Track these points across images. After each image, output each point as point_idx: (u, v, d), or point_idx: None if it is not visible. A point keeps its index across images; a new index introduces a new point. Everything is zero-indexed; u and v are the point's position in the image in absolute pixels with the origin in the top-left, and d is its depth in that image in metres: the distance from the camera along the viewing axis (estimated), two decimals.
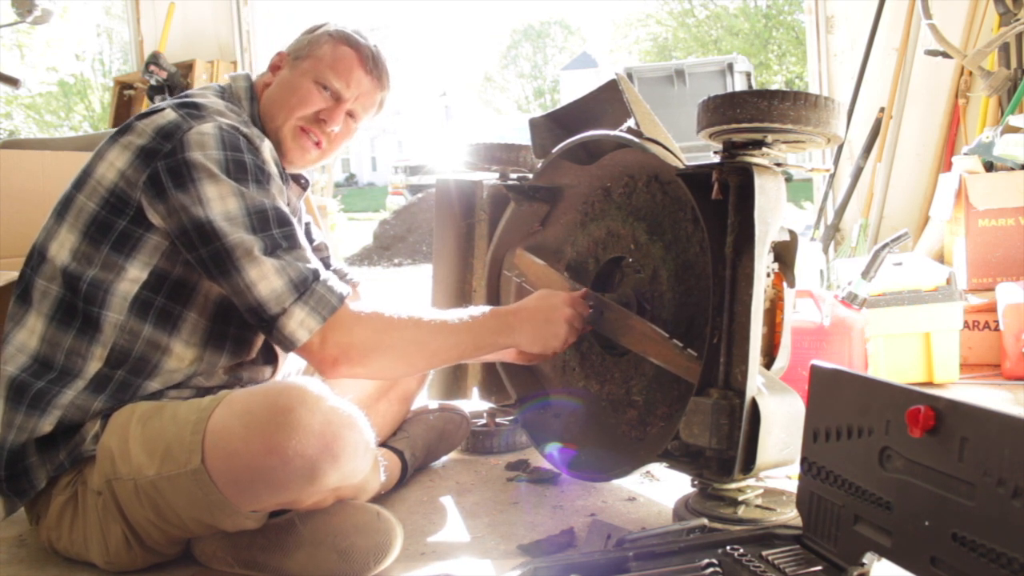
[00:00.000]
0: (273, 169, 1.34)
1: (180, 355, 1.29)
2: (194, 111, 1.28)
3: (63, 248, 1.27)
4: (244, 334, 1.36)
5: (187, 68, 4.66)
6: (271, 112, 1.42)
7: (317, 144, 1.43)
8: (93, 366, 1.25)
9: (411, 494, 1.61)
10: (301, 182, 1.54)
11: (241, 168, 1.24)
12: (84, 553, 1.26)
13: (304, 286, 1.22)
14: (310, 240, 1.65)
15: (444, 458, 1.83)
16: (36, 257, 1.30)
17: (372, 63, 1.45)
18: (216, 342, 1.33)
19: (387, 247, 10.41)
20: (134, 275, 1.26)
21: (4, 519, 1.31)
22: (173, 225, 1.22)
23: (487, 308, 1.41)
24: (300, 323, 1.21)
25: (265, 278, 1.20)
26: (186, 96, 1.34)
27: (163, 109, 1.28)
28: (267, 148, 1.35)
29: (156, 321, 1.27)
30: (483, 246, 1.96)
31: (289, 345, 1.23)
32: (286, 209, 1.28)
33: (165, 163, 1.22)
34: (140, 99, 4.87)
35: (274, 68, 1.46)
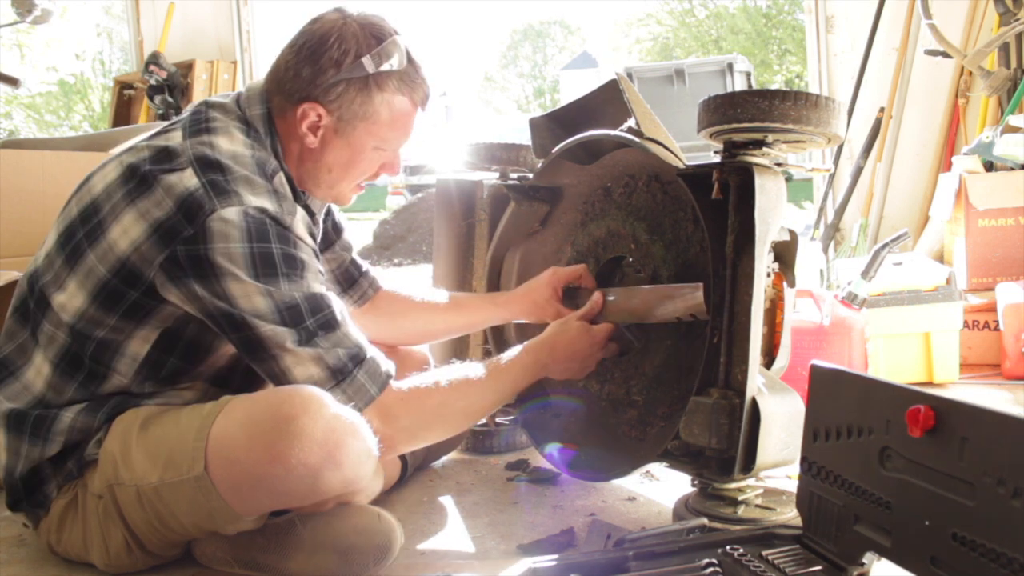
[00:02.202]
0: (305, 238, 1.24)
1: (184, 391, 1.30)
2: (219, 178, 1.15)
3: (71, 303, 1.21)
4: (255, 381, 1.35)
5: (187, 68, 4.67)
6: (326, 179, 1.32)
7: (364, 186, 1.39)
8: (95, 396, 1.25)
9: (411, 494, 1.61)
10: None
11: (268, 264, 1.15)
12: (84, 556, 1.26)
13: (342, 374, 1.18)
14: (338, 235, 1.58)
15: (444, 458, 1.83)
16: (39, 296, 1.25)
17: (424, 98, 1.33)
18: (223, 383, 1.33)
19: (387, 247, 10.39)
20: (145, 335, 1.22)
21: (33, 529, 1.31)
22: (196, 308, 1.17)
23: (518, 348, 1.43)
24: (338, 416, 1.13)
25: (301, 364, 1.16)
26: (206, 127, 1.22)
27: (182, 165, 1.16)
28: (299, 220, 1.25)
29: (166, 377, 1.27)
30: (483, 246, 1.95)
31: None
32: (321, 289, 1.21)
33: (185, 251, 1.14)
34: (140, 99, 4.87)
35: (313, 128, 1.26)
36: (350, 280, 1.64)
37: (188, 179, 1.15)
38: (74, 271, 1.21)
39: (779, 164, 1.28)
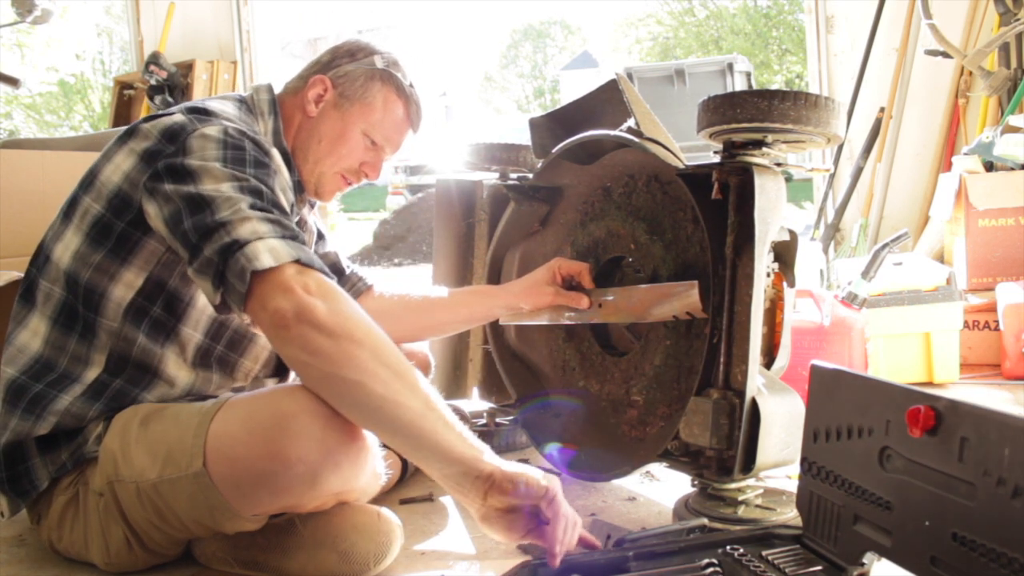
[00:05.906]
0: (282, 167, 1.31)
1: (174, 373, 1.28)
2: (203, 115, 1.25)
3: (67, 250, 1.26)
4: (230, 357, 1.36)
5: (187, 68, 4.67)
6: (314, 151, 1.40)
7: (349, 184, 1.46)
8: (93, 372, 1.24)
9: (411, 494, 1.61)
10: (309, 200, 1.55)
11: (239, 158, 1.17)
12: (84, 554, 1.27)
13: (288, 233, 1.09)
14: (320, 236, 1.64)
15: None
16: (41, 257, 1.30)
17: (416, 116, 1.46)
18: (205, 361, 1.33)
19: (387, 247, 10.40)
20: (129, 279, 1.24)
21: (8, 519, 1.31)
22: (167, 213, 1.13)
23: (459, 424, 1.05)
24: (270, 249, 1.05)
25: (246, 219, 1.08)
26: (200, 102, 1.31)
27: (172, 113, 1.26)
28: (277, 155, 1.31)
29: (150, 331, 1.26)
30: (483, 246, 1.96)
31: (245, 272, 1.03)
32: (284, 201, 1.22)
33: (166, 163, 1.17)
34: (140, 99, 4.87)
35: (317, 99, 1.40)
36: (338, 273, 1.66)
37: (175, 117, 1.25)
38: (70, 219, 1.27)
39: (779, 164, 1.28)
